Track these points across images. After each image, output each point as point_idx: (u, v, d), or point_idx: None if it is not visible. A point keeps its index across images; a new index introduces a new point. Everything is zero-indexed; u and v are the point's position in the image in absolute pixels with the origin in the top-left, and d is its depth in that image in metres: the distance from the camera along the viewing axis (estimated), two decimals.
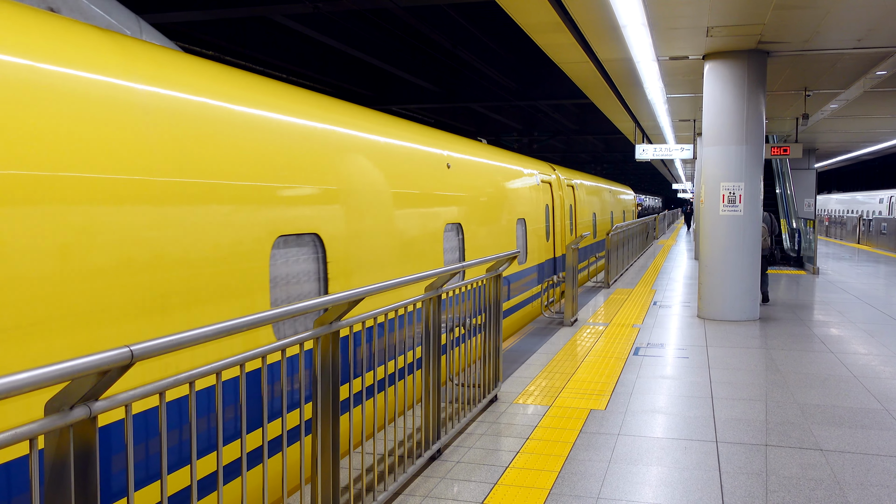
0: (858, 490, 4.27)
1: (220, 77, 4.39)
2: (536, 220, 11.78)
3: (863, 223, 32.78)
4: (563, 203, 13.96)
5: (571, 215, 15.29)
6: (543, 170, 12.88)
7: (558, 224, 13.57)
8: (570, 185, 15.13)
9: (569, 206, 14.82)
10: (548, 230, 12.74)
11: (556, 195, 13.52)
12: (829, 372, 7.17)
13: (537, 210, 11.90)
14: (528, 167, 11.74)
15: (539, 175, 12.29)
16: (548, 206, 12.73)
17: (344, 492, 3.84)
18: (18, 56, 2.98)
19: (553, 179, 13.41)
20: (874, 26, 8.91)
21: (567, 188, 14.77)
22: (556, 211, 13.36)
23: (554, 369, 7.32)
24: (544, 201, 12.51)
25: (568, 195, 14.77)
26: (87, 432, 2.09)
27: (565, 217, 14.17)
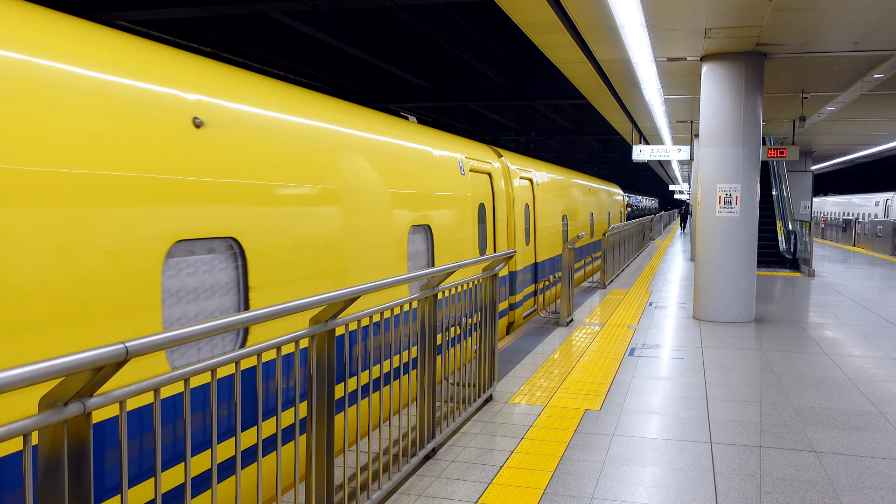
0: (852, 492, 4.28)
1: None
2: (458, 227, 8.03)
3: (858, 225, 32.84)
4: (510, 202, 10.40)
5: (529, 218, 11.79)
6: (477, 154, 9.24)
7: (501, 231, 9.91)
8: (526, 178, 11.58)
9: (524, 207, 11.34)
10: (482, 241, 9.18)
11: (501, 191, 9.96)
12: (824, 374, 7.18)
13: (460, 212, 8.13)
14: (442, 147, 7.90)
15: (467, 160, 8.59)
16: (483, 207, 9.25)
17: (338, 490, 3.83)
18: None
19: (494, 169, 9.82)
20: (872, 29, 8.93)
21: (522, 182, 11.33)
22: (497, 213, 9.73)
23: (549, 369, 7.32)
24: (477, 199, 8.88)
25: (522, 192, 11.29)
26: (81, 428, 2.08)
27: (514, 220, 10.48)
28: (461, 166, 8.25)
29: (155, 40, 4.48)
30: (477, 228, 8.80)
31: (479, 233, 8.87)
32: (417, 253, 6.92)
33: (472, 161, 8.79)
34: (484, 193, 9.24)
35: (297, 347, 3.20)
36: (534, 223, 12.10)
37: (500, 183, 9.93)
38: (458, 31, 14.87)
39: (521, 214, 11.04)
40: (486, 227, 9.31)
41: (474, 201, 8.73)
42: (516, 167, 11.04)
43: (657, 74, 12.05)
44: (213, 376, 2.63)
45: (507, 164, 10.51)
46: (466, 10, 14.22)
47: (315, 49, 15.97)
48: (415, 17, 12.86)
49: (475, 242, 8.69)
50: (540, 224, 12.46)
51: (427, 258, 7.20)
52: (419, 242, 7.00)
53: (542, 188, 12.78)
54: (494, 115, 24.85)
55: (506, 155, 10.75)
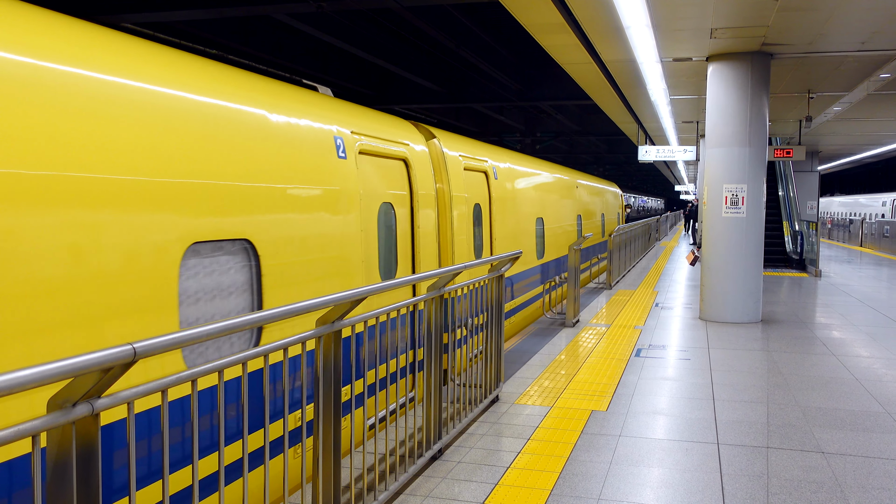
0: (860, 493, 4.27)
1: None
2: (323, 242, 5.15)
3: (865, 226, 32.74)
4: (445, 201, 7.66)
5: (483, 223, 9.09)
6: (381, 129, 6.40)
7: (427, 242, 7.07)
8: (476, 169, 8.85)
9: (473, 208, 8.63)
10: (388, 258, 6.33)
11: (425, 185, 7.13)
12: (831, 374, 7.16)
13: (330, 218, 5.27)
14: (294, 112, 5.06)
15: (355, 137, 5.76)
16: (392, 208, 6.41)
17: (345, 491, 3.84)
18: None
19: (414, 154, 6.91)
20: (878, 29, 8.90)
21: (470, 175, 8.59)
22: (420, 217, 6.90)
23: (555, 370, 7.31)
24: (374, 196, 6.03)
25: (471, 188, 8.54)
26: (89, 429, 2.09)
27: (451, 227, 7.67)
28: (339, 146, 5.38)
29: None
30: (374, 241, 5.88)
31: (378, 248, 5.96)
32: (203, 296, 3.96)
33: (366, 139, 5.86)
34: (392, 188, 6.36)
35: (303, 349, 3.21)
36: (490, 230, 9.27)
37: (424, 174, 7.04)
38: (464, 33, 14.88)
39: (467, 218, 8.20)
40: (399, 239, 6.45)
41: (368, 199, 5.79)
42: (458, 153, 8.22)
43: (663, 75, 12.03)
44: (221, 377, 2.64)
45: (440, 147, 7.67)
46: (472, 12, 14.22)
47: (320, 50, 16.00)
48: (420, 18, 12.87)
49: (365, 263, 5.64)
50: (501, 231, 9.68)
51: (248, 300, 4.29)
52: (215, 275, 4.05)
53: (504, 184, 10.08)
54: (500, 116, 24.85)
55: (442, 136, 7.94)
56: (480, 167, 9.05)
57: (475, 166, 8.84)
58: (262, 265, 4.32)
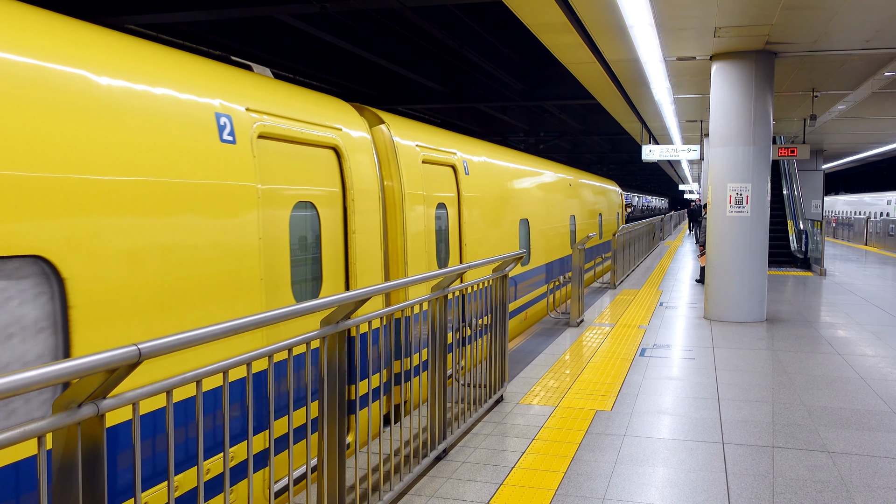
0: (866, 492, 4.25)
1: None
2: (223, 256, 4.04)
3: (870, 224, 32.67)
4: (396, 200, 6.37)
5: (451, 224, 7.76)
6: (300, 108, 5.08)
7: (369, 251, 5.72)
8: (440, 162, 7.50)
9: (436, 209, 7.29)
10: (312, 268, 5.10)
11: (366, 180, 5.79)
12: (837, 374, 7.14)
13: (228, 223, 4.10)
14: (169, 82, 3.86)
15: (252, 116, 4.47)
16: (315, 209, 5.12)
17: (350, 491, 3.84)
18: None
19: (348, 142, 5.58)
20: (882, 27, 8.88)
21: (431, 169, 7.27)
22: (355, 219, 5.56)
23: (560, 370, 7.31)
24: (281, 197, 4.73)
25: (432, 184, 7.25)
26: (94, 430, 2.10)
27: (404, 233, 6.42)
28: (224, 126, 4.13)
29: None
30: (283, 252, 4.63)
31: (289, 261, 4.71)
32: None
33: (270, 120, 4.57)
34: (315, 183, 5.07)
35: (308, 349, 3.21)
36: (460, 235, 7.93)
37: (363, 166, 5.68)
38: (467, 32, 14.86)
39: (427, 221, 6.92)
40: (325, 248, 5.13)
41: (273, 198, 4.57)
42: (415, 143, 6.85)
43: (666, 74, 12.01)
44: (225, 378, 2.64)
45: (388, 135, 6.37)
46: (475, 11, 14.21)
47: (323, 51, 16.00)
48: (423, 18, 12.86)
49: (266, 281, 4.39)
50: (474, 235, 8.34)
51: (45, 345, 3.07)
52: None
53: (477, 180, 8.60)
54: (503, 116, 24.83)
55: (393, 122, 6.56)
56: (446, 160, 7.69)
57: (439, 159, 7.46)
58: (68, 294, 3.08)
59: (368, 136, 5.95)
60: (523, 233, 10.81)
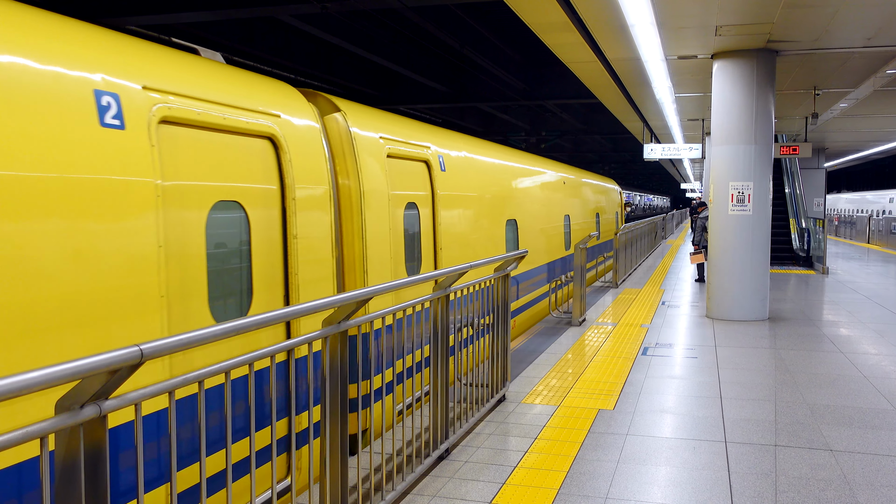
0: (868, 491, 4.25)
1: None
2: (109, 267, 3.28)
3: (872, 222, 32.63)
4: (354, 199, 5.64)
5: (424, 226, 6.95)
6: (231, 89, 4.41)
7: (319, 258, 5.01)
8: (411, 157, 6.77)
9: (404, 210, 6.54)
10: (238, 280, 4.36)
11: (310, 177, 5.01)
12: (839, 372, 7.13)
13: (113, 227, 3.32)
14: (22, 50, 3.07)
15: (164, 98, 3.72)
16: (242, 209, 4.35)
17: (352, 491, 3.84)
18: None
19: (290, 131, 4.85)
20: (884, 25, 8.87)
21: (399, 165, 6.54)
22: (295, 225, 4.76)
23: (562, 369, 7.31)
24: (217, 192, 4.10)
25: (400, 181, 6.49)
26: (97, 431, 2.10)
27: (361, 239, 5.64)
28: (108, 107, 3.40)
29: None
30: (197, 261, 3.90)
31: (206, 272, 3.97)
32: None
33: (177, 101, 3.80)
34: (243, 179, 4.31)
35: (310, 349, 3.21)
36: (435, 238, 7.16)
37: (310, 160, 4.95)
38: (468, 32, 14.86)
39: (393, 223, 6.12)
40: (256, 256, 4.38)
41: (181, 196, 3.81)
42: (378, 135, 6.08)
43: (668, 73, 12.00)
44: (227, 378, 2.64)
45: (344, 125, 5.61)
46: (476, 11, 14.21)
47: (325, 51, 16.01)
48: (424, 18, 12.87)
49: (169, 298, 3.64)
50: (451, 238, 7.58)
51: None
52: None
53: (455, 177, 7.79)
54: (505, 115, 24.83)
55: (351, 111, 5.80)
56: (417, 155, 6.86)
57: (409, 153, 6.65)
58: None
59: (318, 126, 5.17)
60: (511, 235, 9.99)
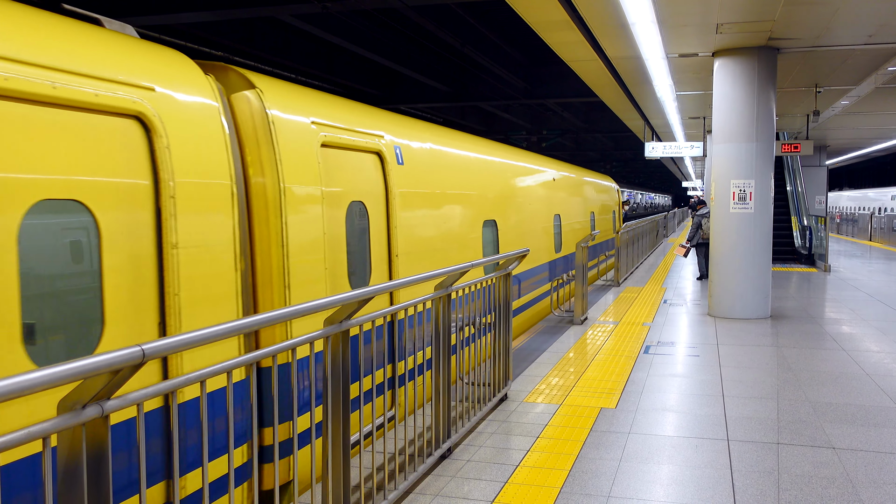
0: (871, 488, 4.25)
1: None
2: None
3: (874, 220, 32.58)
4: (270, 198, 4.59)
5: (375, 230, 5.89)
6: (78, 51, 3.38)
7: (189, 277, 3.79)
8: (361, 148, 5.73)
9: (349, 210, 5.46)
10: (87, 304, 3.35)
11: (201, 170, 3.99)
12: (841, 370, 7.12)
13: None
14: None
15: None
16: (75, 219, 3.32)
17: (354, 490, 3.84)
18: None
19: (183, 112, 3.92)
20: (885, 22, 8.85)
21: (341, 157, 5.47)
22: (175, 232, 3.73)
23: (564, 368, 7.31)
24: (44, 189, 3.12)
25: (347, 176, 5.53)
26: (99, 431, 2.10)
27: (278, 242, 4.54)
28: None
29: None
30: (10, 286, 2.94)
31: (19, 299, 2.96)
32: None
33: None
34: (87, 173, 3.36)
35: (311, 349, 3.21)
36: (389, 243, 6.04)
37: (205, 148, 4.05)
38: (469, 31, 14.87)
39: (330, 227, 5.08)
40: (110, 274, 3.41)
41: None
42: (309, 119, 5.04)
43: (669, 71, 11.99)
44: (229, 378, 2.64)
45: (259, 105, 4.60)
46: (477, 10, 14.21)
47: (326, 51, 16.03)
48: (425, 17, 12.87)
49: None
50: (410, 243, 6.43)
51: None
52: None
53: (416, 172, 6.71)
54: (506, 114, 24.84)
55: (270, 88, 4.79)
56: (367, 145, 5.74)
57: (354, 143, 5.55)
58: None
59: (217, 105, 4.18)
60: (490, 237, 8.95)
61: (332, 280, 5.07)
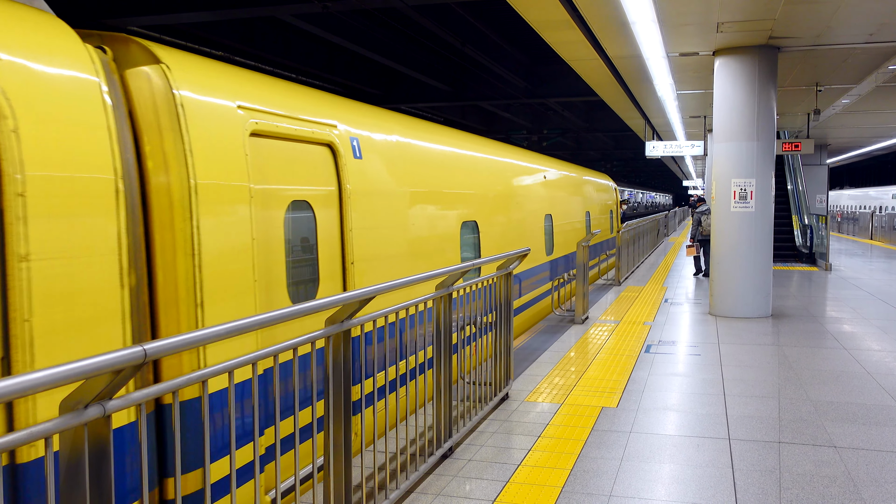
0: (873, 487, 4.25)
1: None
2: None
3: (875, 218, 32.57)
4: (176, 198, 3.73)
5: (324, 234, 5.04)
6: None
7: (53, 309, 3.03)
8: (308, 139, 4.90)
9: (288, 211, 4.66)
10: None
11: (67, 162, 3.16)
12: (843, 368, 7.12)
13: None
14: None
15: None
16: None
17: (356, 490, 3.84)
18: None
19: (45, 89, 3.12)
20: (886, 20, 8.85)
21: (288, 148, 4.75)
22: (23, 241, 2.91)
23: (565, 367, 7.31)
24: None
25: (286, 170, 4.72)
26: (101, 431, 2.11)
27: (186, 253, 3.72)
28: None
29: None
30: None
31: None
32: None
33: None
34: None
35: (313, 348, 3.21)
36: (344, 248, 5.24)
37: (75, 134, 3.23)
38: (470, 31, 14.87)
39: (254, 232, 4.24)
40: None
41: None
42: (235, 103, 4.27)
43: (669, 70, 11.98)
44: (231, 378, 2.64)
45: (163, 84, 3.79)
46: (477, 9, 14.20)
47: (326, 50, 16.03)
48: (425, 16, 12.87)
49: None
50: (368, 247, 5.56)
51: None
52: None
53: (375, 167, 5.86)
54: (506, 113, 24.83)
55: (180, 63, 3.98)
56: (314, 135, 4.96)
57: (296, 132, 4.75)
58: None
59: (97, 80, 3.39)
60: (470, 240, 8.08)
61: (265, 293, 4.30)
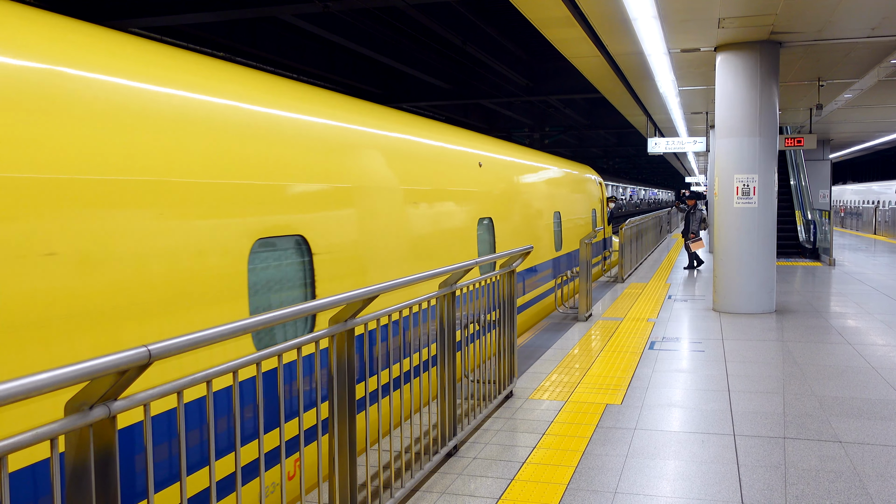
0: (878, 482, 4.24)
1: None
2: None
3: (879, 213, 32.50)
4: None
5: None
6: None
7: None
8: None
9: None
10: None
11: None
12: (847, 363, 7.11)
13: None
14: None
15: None
16: None
17: (361, 489, 3.85)
18: None
19: None
20: (888, 14, 8.83)
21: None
22: None
23: (569, 364, 7.30)
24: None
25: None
26: (106, 432, 2.11)
27: None
28: None
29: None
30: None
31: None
32: None
33: None
34: None
35: (317, 347, 3.21)
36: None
37: None
38: (471, 29, 14.86)
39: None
40: None
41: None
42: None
43: (671, 66, 11.97)
44: (235, 378, 2.65)
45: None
46: (478, 8, 14.20)
47: (327, 50, 16.03)
48: (426, 15, 12.87)
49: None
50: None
51: None
52: None
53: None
54: (508, 111, 24.82)
55: None
56: None
57: None
58: None
59: None
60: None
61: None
